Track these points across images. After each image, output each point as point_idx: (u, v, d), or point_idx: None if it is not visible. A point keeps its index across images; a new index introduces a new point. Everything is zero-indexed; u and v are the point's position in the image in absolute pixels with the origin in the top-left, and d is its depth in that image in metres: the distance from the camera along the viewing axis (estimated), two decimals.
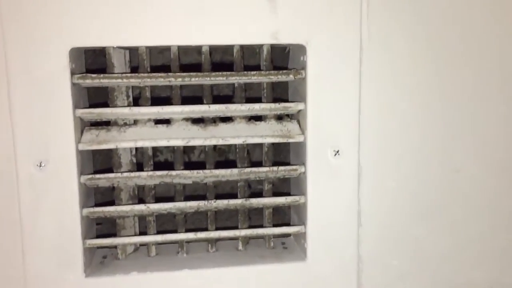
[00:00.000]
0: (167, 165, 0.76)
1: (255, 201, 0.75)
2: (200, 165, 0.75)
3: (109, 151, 0.75)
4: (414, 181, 0.76)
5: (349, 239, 0.74)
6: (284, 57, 0.80)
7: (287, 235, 0.83)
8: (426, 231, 0.77)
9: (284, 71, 0.72)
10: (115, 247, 0.77)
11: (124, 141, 0.70)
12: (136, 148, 0.76)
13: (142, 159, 0.74)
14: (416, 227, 0.76)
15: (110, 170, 0.73)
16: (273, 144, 0.77)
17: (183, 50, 0.81)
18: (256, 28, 0.69)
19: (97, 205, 0.75)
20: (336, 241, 0.74)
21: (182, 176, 0.72)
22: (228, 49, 0.81)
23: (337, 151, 0.72)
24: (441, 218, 0.77)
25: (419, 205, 0.76)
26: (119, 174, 0.71)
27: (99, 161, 0.81)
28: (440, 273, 0.78)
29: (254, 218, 0.85)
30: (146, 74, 0.69)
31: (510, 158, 0.77)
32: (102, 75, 0.68)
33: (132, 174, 0.71)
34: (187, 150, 0.94)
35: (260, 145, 0.79)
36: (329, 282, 0.75)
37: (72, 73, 0.66)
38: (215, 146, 0.77)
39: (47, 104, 0.66)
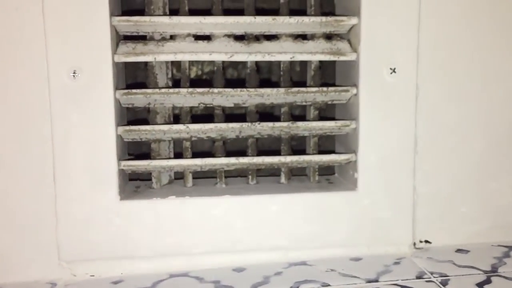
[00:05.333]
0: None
1: (302, 125, 0.69)
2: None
3: (144, 72, 0.69)
4: (477, 103, 0.69)
5: (404, 168, 0.68)
6: None
7: (331, 174, 0.77)
8: (492, 160, 0.70)
9: None
10: (149, 179, 0.71)
11: (162, 54, 0.64)
12: (172, 72, 0.71)
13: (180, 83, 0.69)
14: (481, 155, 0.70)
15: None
16: (320, 67, 0.71)
17: None
18: None
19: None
20: (389, 170, 0.68)
21: (224, 94, 0.66)
22: None
23: (394, 69, 0.66)
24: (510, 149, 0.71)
25: (483, 127, 0.70)
26: (157, 90, 0.65)
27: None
28: (502, 209, 0.72)
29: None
30: None
31: None
32: None
33: (171, 90, 0.65)
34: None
35: (305, 71, 0.73)
36: (382, 214, 0.68)
37: None
38: (258, 69, 0.71)
39: (82, 8, 0.60)
